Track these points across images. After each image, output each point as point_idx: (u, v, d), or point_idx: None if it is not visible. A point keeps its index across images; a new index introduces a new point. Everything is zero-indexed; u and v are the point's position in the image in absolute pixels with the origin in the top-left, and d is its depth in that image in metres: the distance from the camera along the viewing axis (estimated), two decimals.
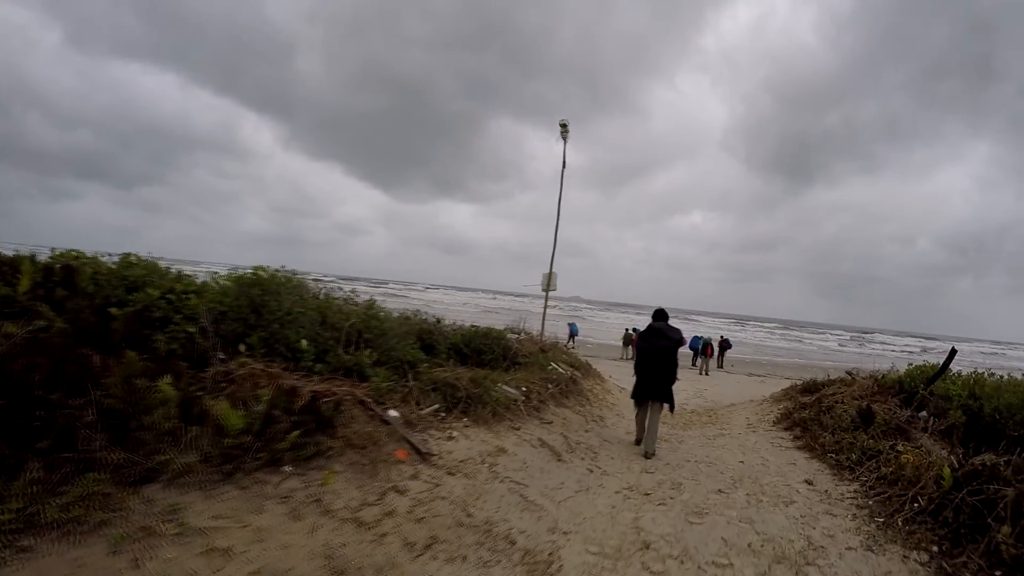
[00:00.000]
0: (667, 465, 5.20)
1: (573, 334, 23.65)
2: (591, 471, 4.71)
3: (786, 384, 16.39)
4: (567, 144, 12.34)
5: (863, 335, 71.46)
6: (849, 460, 5.05)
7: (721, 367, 20.46)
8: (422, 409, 4.90)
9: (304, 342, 4.85)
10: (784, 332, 59.88)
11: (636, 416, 6.30)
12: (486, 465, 4.14)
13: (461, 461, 4.08)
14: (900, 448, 5.14)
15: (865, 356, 38.05)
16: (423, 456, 4.00)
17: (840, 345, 49.61)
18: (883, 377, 7.52)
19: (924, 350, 49.42)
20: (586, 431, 6.16)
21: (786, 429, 6.78)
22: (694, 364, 19.70)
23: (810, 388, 8.76)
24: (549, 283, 12.24)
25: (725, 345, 21.13)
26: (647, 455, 5.64)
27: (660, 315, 6.51)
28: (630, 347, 19.66)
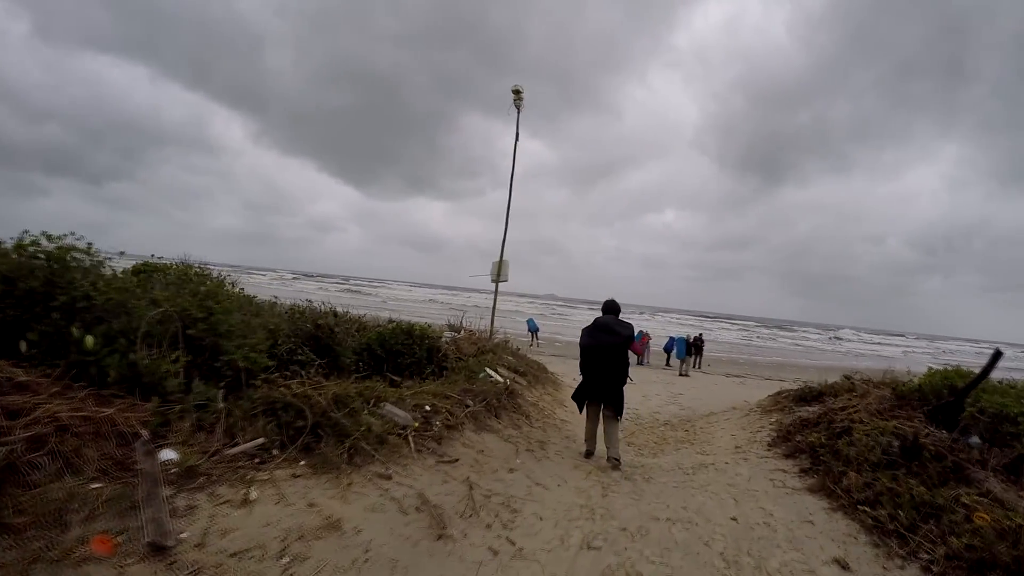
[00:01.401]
0: (623, 532, 3.39)
1: (533, 331, 21.95)
2: (496, 552, 2.87)
3: (768, 386, 14.88)
4: (520, 114, 10.54)
5: (835, 331, 71.67)
6: (896, 520, 3.33)
7: (698, 367, 18.98)
8: (233, 446, 3.04)
9: (90, 339, 3.14)
10: (758, 330, 59.35)
11: (586, 424, 5.50)
12: (283, 561, 2.27)
13: (235, 554, 2.20)
14: (965, 499, 3.46)
15: (845, 355, 37.33)
16: (156, 547, 2.11)
17: (817, 343, 49.03)
18: (902, 386, 5.89)
19: (907, 351, 49.15)
20: (512, 470, 4.33)
21: (788, 456, 5.07)
22: (668, 365, 18.13)
23: (806, 396, 7.12)
24: (499, 272, 10.41)
25: (699, 343, 19.66)
26: (613, 465, 5.04)
27: (610, 307, 5.48)
28: None
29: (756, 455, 5.37)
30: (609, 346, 5.05)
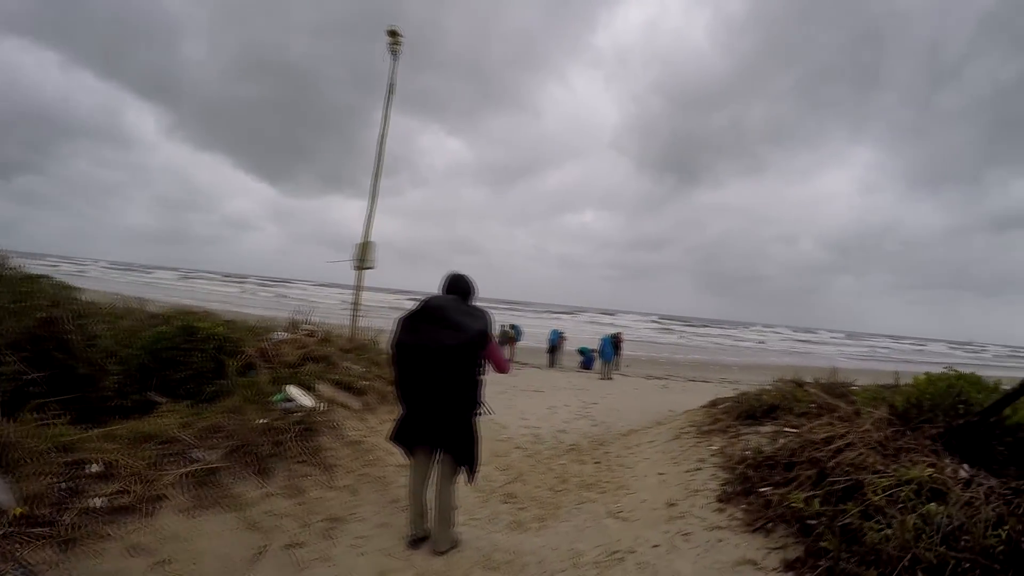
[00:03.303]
0: None
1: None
2: None
3: (694, 389, 12.94)
4: (397, 61, 8.04)
5: (749, 327, 74.65)
6: None
7: (616, 368, 17.34)
8: None
9: None
10: (677, 327, 60.20)
11: (410, 483, 3.16)
12: None
13: None
14: None
15: (766, 352, 37.83)
16: None
17: (736, 340, 50.03)
18: (901, 404, 4.06)
19: (825, 346, 51.20)
20: None
21: (754, 528, 2.99)
22: (583, 368, 16.29)
23: (753, 412, 5.21)
24: (364, 257, 7.85)
25: (617, 342, 18.08)
26: (435, 550, 2.95)
27: (455, 285, 3.19)
28: (507, 347, 15.80)
29: (701, 522, 3.26)
30: (446, 349, 2.75)
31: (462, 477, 3.02)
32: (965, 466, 3.11)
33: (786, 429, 4.32)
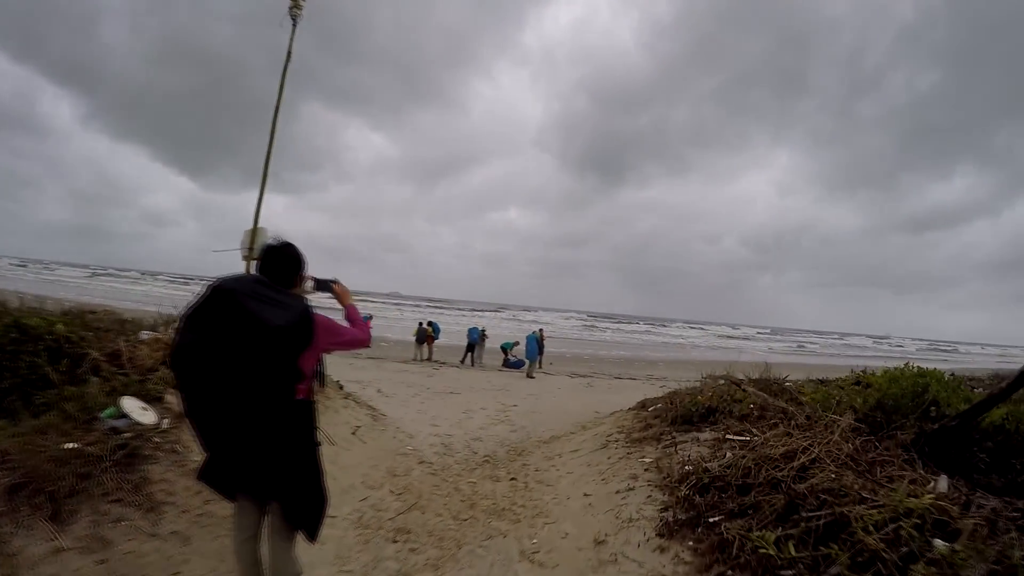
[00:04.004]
0: None
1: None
2: None
3: (620, 387, 12.45)
4: (296, 27, 6.77)
5: (669, 323, 77.60)
6: None
7: (540, 366, 16.77)
8: None
9: None
10: (605, 325, 61.20)
11: (233, 533, 2.08)
12: None
13: None
14: None
15: (696, 347, 38.78)
16: None
17: (659, 336, 51.39)
18: (862, 407, 3.55)
19: (750, 340, 53.31)
20: None
21: None
22: (505, 367, 15.54)
23: (689, 415, 4.59)
24: (253, 245, 6.56)
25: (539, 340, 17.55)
26: None
27: (269, 260, 1.99)
28: (424, 345, 14.73)
29: (639, 568, 2.49)
30: (246, 353, 1.74)
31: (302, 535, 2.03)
32: (944, 477, 2.56)
33: (730, 437, 3.69)
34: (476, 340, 15.62)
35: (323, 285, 2.25)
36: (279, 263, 1.97)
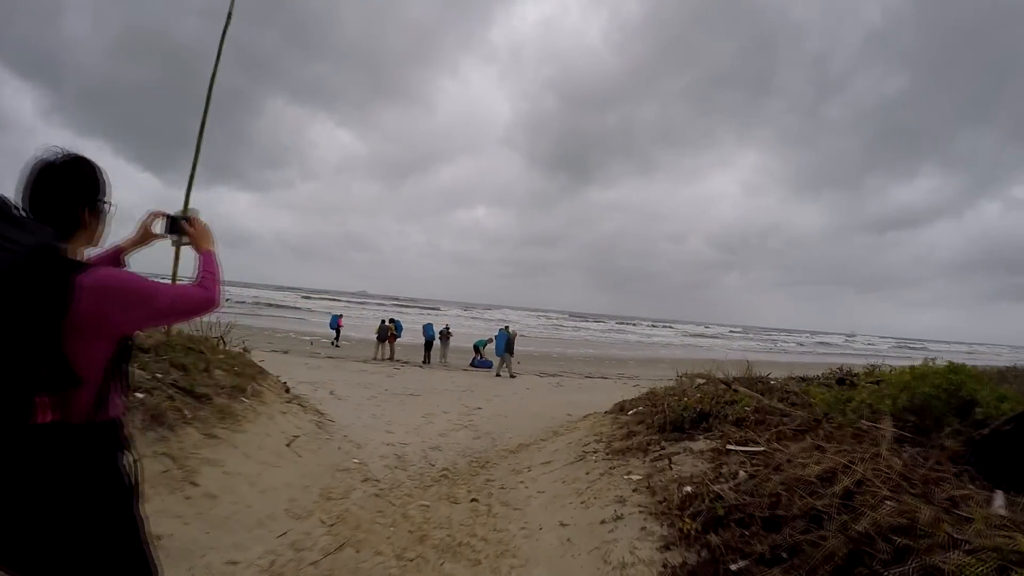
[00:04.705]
0: None
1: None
2: None
3: (591, 387, 11.85)
4: None
5: (636, 322, 78.01)
6: None
7: (509, 367, 16.09)
8: None
9: None
10: (574, 324, 60.92)
11: None
12: None
13: None
14: None
15: (666, 346, 38.68)
16: None
17: (627, 335, 51.28)
18: (889, 408, 2.98)
19: (720, 340, 53.59)
20: None
21: None
22: (473, 364, 14.78)
23: (678, 423, 3.98)
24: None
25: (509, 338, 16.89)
26: None
27: (37, 180, 1.06)
28: (386, 343, 13.84)
29: None
30: None
31: None
32: (1000, 493, 2.01)
33: (733, 448, 3.06)
34: (432, 337, 14.81)
35: (174, 224, 1.49)
36: (46, 179, 1.15)
